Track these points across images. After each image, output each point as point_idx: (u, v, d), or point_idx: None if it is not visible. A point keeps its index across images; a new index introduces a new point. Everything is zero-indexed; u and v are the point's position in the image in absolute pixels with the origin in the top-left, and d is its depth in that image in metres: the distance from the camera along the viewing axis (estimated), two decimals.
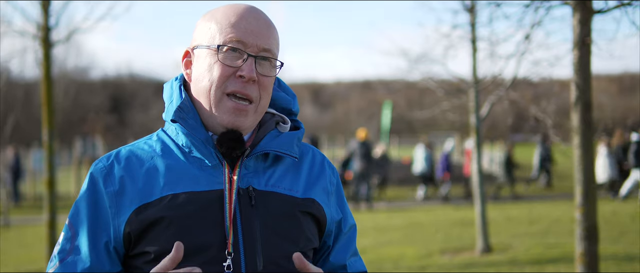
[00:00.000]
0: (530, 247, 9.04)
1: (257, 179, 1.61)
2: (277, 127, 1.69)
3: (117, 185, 1.57)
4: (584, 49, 4.43)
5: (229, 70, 1.57)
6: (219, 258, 1.52)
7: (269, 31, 1.62)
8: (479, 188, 8.97)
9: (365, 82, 50.60)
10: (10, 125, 14.69)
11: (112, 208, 1.56)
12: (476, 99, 8.71)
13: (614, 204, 14.21)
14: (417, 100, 25.60)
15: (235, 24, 1.59)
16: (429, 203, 17.34)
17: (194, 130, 1.58)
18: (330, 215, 1.71)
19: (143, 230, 1.53)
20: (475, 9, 8.22)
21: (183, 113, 1.59)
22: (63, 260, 1.57)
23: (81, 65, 44.97)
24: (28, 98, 29.25)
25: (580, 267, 4.56)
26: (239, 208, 1.56)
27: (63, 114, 34.24)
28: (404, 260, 8.69)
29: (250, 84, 1.58)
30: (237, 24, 1.59)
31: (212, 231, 1.53)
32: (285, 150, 1.64)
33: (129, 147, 1.65)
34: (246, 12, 1.61)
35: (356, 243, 1.80)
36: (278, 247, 1.57)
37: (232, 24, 1.59)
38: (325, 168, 1.73)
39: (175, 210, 1.53)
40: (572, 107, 4.55)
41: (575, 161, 4.56)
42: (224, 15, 1.61)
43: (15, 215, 16.61)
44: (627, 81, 40.14)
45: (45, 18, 7.18)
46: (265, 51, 1.60)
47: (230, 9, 1.62)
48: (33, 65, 29.78)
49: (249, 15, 1.60)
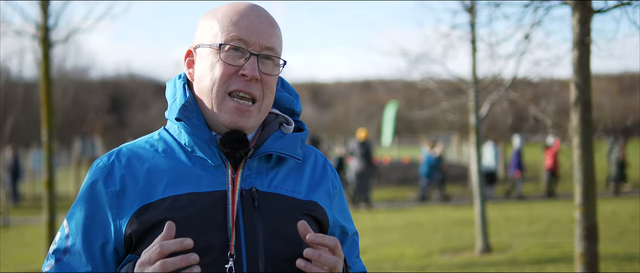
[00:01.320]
0: (530, 246, 9.04)
1: (260, 180, 1.60)
2: (281, 128, 1.67)
3: (118, 185, 1.55)
4: (583, 48, 4.43)
5: (231, 69, 1.56)
6: (221, 260, 1.50)
7: (272, 29, 1.60)
8: (479, 188, 8.97)
9: (364, 82, 50.60)
10: (10, 125, 14.68)
11: (113, 209, 1.54)
12: (476, 98, 8.71)
13: (613, 204, 14.21)
14: (416, 100, 25.59)
15: (237, 22, 1.57)
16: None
17: (198, 129, 1.57)
18: (333, 218, 1.70)
19: (144, 232, 1.52)
20: (475, 9, 8.22)
21: (187, 112, 1.58)
22: (59, 260, 1.56)
23: (80, 65, 44.96)
24: (27, 98, 29.17)
25: (580, 266, 4.55)
26: (242, 210, 1.55)
27: (62, 114, 34.21)
28: (403, 260, 8.69)
29: (253, 83, 1.56)
30: (239, 22, 1.57)
31: (214, 233, 1.52)
32: (289, 151, 1.62)
33: (130, 146, 1.63)
34: (248, 11, 1.59)
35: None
36: (280, 249, 1.55)
37: (234, 23, 1.57)
38: (328, 172, 1.72)
39: (178, 212, 1.51)
40: (572, 106, 4.55)
41: (575, 161, 4.56)
42: (226, 14, 1.60)
43: (15, 215, 16.60)
44: (626, 81, 40.15)
45: (44, 18, 7.18)
46: (268, 49, 1.58)
47: (232, 7, 1.61)
48: (32, 65, 29.75)
49: (251, 14, 1.59)
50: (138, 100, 46.61)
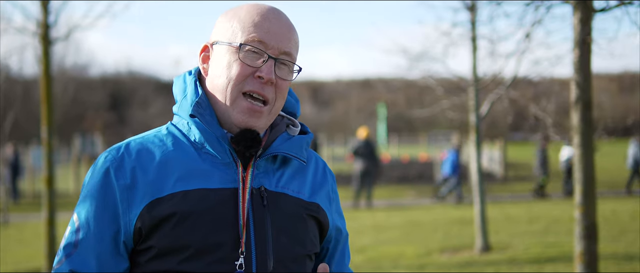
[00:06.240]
0: (529, 246, 9.04)
1: (268, 180, 1.61)
2: (287, 130, 1.70)
3: (129, 178, 1.55)
4: (584, 48, 4.42)
5: (249, 70, 1.57)
6: (231, 257, 1.51)
7: (291, 34, 1.62)
8: (479, 187, 8.97)
9: (364, 81, 50.64)
10: (10, 123, 14.68)
11: (123, 203, 1.53)
12: (476, 97, 8.70)
13: (613, 203, 14.21)
14: (416, 99, 25.59)
15: (259, 24, 1.58)
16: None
17: (211, 126, 1.58)
18: (332, 221, 1.73)
19: (154, 226, 1.52)
20: (476, 7, 8.21)
21: (201, 109, 1.59)
22: (69, 255, 1.55)
23: (80, 63, 44.98)
24: (27, 95, 29.24)
25: (580, 266, 4.55)
26: (252, 208, 1.56)
27: (62, 111, 34.22)
28: (403, 259, 8.69)
29: (268, 86, 1.58)
30: (261, 24, 1.58)
31: (225, 230, 1.52)
32: (296, 153, 1.65)
33: (139, 140, 1.62)
34: (270, 13, 1.61)
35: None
36: (287, 248, 1.57)
37: (255, 24, 1.58)
38: (327, 176, 1.75)
39: (188, 206, 1.52)
40: (572, 106, 4.54)
41: (575, 160, 4.56)
42: (248, 14, 1.60)
43: (14, 213, 16.60)
44: (627, 80, 40.20)
45: (44, 15, 7.17)
46: (286, 54, 1.60)
47: (254, 8, 1.62)
48: (32, 63, 29.82)
49: (273, 17, 1.60)
50: (138, 98, 46.64)
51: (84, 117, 38.18)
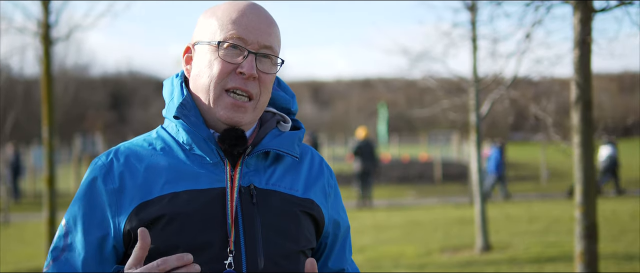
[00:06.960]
0: (529, 245, 9.05)
1: (258, 178, 1.61)
2: (278, 126, 1.68)
3: (117, 182, 1.56)
4: (584, 47, 4.43)
5: (229, 67, 1.57)
6: (220, 256, 1.51)
7: (270, 28, 1.61)
8: (479, 186, 8.97)
9: (365, 80, 50.65)
10: (10, 123, 14.68)
11: (112, 207, 1.55)
12: (476, 97, 8.71)
13: (613, 203, 14.21)
14: (417, 99, 25.61)
15: (236, 20, 1.58)
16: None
17: (196, 127, 1.57)
18: (328, 216, 1.71)
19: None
20: (476, 7, 8.22)
21: (185, 110, 1.58)
22: (56, 259, 1.56)
23: (81, 63, 45.01)
24: (28, 95, 29.23)
25: (580, 265, 4.55)
26: (241, 206, 1.56)
27: (63, 111, 34.24)
28: (403, 259, 8.69)
29: (251, 81, 1.57)
30: (238, 20, 1.58)
31: (213, 229, 1.53)
32: (287, 149, 1.63)
33: (128, 144, 1.64)
34: (248, 9, 1.61)
35: (351, 243, 1.81)
36: (278, 246, 1.56)
37: (233, 21, 1.58)
38: (324, 170, 1.74)
39: (176, 208, 1.52)
40: (573, 105, 4.55)
41: (575, 160, 4.57)
42: (225, 12, 1.61)
43: (15, 212, 16.62)
44: (627, 80, 40.21)
45: (45, 15, 7.18)
46: (266, 48, 1.59)
47: (232, 5, 1.62)
48: (33, 63, 29.76)
49: (250, 12, 1.60)
50: (138, 98, 46.67)
51: (85, 116, 38.19)
